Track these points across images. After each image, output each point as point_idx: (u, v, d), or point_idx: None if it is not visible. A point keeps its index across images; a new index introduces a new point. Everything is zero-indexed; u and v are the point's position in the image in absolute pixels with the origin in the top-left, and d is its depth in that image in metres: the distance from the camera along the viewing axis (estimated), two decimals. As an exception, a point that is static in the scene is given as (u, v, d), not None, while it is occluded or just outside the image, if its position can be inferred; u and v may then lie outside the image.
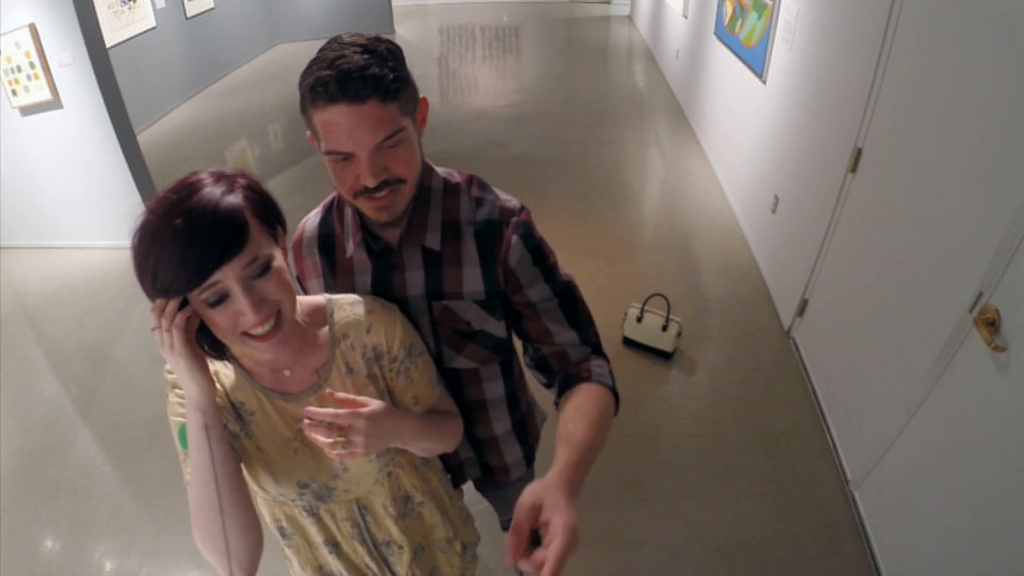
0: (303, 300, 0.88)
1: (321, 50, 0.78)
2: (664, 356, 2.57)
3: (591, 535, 1.92)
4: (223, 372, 0.85)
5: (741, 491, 2.03)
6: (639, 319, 2.57)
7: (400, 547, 1.00)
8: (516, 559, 0.62)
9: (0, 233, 3.65)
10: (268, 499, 0.94)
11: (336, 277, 0.97)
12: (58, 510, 2.09)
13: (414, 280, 0.93)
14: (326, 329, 0.87)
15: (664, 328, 2.53)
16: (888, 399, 1.76)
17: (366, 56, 0.74)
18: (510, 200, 0.95)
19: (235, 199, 0.70)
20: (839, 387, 2.18)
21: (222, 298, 0.70)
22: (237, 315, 0.71)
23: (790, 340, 2.63)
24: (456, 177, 0.96)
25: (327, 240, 0.97)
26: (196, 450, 0.75)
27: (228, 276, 0.69)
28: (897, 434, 1.68)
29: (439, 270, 0.92)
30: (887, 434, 1.73)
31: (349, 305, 0.89)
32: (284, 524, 0.97)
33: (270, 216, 0.76)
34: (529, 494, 0.66)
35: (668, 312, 2.55)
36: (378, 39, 0.78)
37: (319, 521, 0.95)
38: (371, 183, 0.78)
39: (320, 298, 0.90)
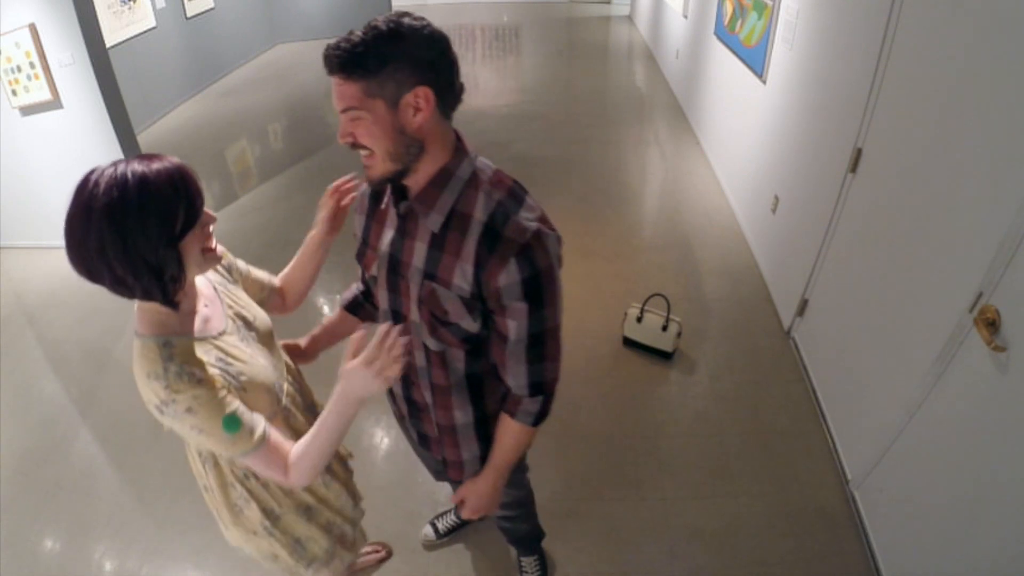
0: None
1: None
2: (664, 356, 2.57)
3: (591, 535, 1.92)
4: (204, 356, 0.93)
5: (741, 491, 2.03)
6: (639, 319, 2.57)
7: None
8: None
9: (0, 233, 3.66)
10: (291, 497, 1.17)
11: (371, 223, 1.06)
12: (58, 510, 2.09)
13: (419, 252, 0.95)
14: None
15: (664, 328, 2.53)
16: (888, 399, 1.76)
17: (361, 34, 0.80)
18: (528, 220, 0.88)
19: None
20: (839, 387, 2.17)
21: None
22: (204, 227, 0.88)
23: (790, 340, 2.63)
24: (488, 172, 0.93)
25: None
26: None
27: None
28: (897, 434, 1.68)
29: (439, 254, 0.92)
30: (887, 434, 1.73)
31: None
32: (311, 502, 1.22)
33: None
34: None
35: (668, 312, 2.55)
36: (411, 22, 0.82)
37: (298, 435, 1.07)
38: (339, 140, 0.88)
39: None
